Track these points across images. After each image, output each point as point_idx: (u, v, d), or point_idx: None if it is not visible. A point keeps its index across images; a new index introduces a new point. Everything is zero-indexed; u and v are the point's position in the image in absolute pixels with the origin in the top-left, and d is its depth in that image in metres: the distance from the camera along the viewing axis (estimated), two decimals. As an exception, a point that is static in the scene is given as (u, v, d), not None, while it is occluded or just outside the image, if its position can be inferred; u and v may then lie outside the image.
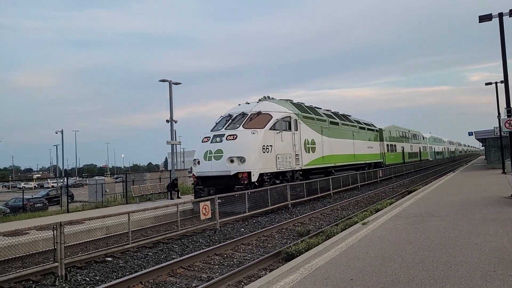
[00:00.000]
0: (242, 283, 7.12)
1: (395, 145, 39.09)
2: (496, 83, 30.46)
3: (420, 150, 50.30)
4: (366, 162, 30.04)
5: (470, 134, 43.09)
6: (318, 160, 21.50)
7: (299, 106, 21.40)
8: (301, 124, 19.95)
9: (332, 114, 26.00)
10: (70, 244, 10.79)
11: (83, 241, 11.86)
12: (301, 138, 19.69)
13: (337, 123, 25.40)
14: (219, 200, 12.88)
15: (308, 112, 21.72)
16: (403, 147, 41.91)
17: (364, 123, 31.97)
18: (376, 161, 32.69)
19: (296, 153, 18.94)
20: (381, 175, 30.98)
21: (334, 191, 21.64)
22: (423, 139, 54.79)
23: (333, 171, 23.39)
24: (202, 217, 12.01)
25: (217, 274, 7.90)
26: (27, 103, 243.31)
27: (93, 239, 12.21)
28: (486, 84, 31.17)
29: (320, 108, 25.10)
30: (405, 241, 7.56)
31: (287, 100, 21.35)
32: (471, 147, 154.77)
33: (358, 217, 11.57)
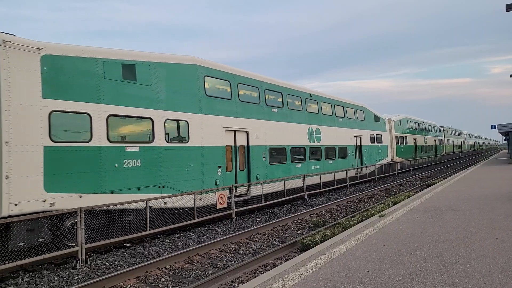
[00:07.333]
0: (258, 272, 7.18)
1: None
2: (522, 74, 29.49)
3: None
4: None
5: (493, 127, 42.10)
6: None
7: None
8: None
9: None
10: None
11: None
12: None
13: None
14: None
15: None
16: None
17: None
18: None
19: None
20: (399, 168, 30.92)
21: (351, 182, 21.58)
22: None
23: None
24: (218, 206, 12.10)
25: (233, 262, 7.99)
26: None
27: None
28: (511, 76, 30.25)
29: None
30: (423, 234, 7.47)
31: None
32: (494, 140, 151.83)
33: (375, 209, 11.48)
